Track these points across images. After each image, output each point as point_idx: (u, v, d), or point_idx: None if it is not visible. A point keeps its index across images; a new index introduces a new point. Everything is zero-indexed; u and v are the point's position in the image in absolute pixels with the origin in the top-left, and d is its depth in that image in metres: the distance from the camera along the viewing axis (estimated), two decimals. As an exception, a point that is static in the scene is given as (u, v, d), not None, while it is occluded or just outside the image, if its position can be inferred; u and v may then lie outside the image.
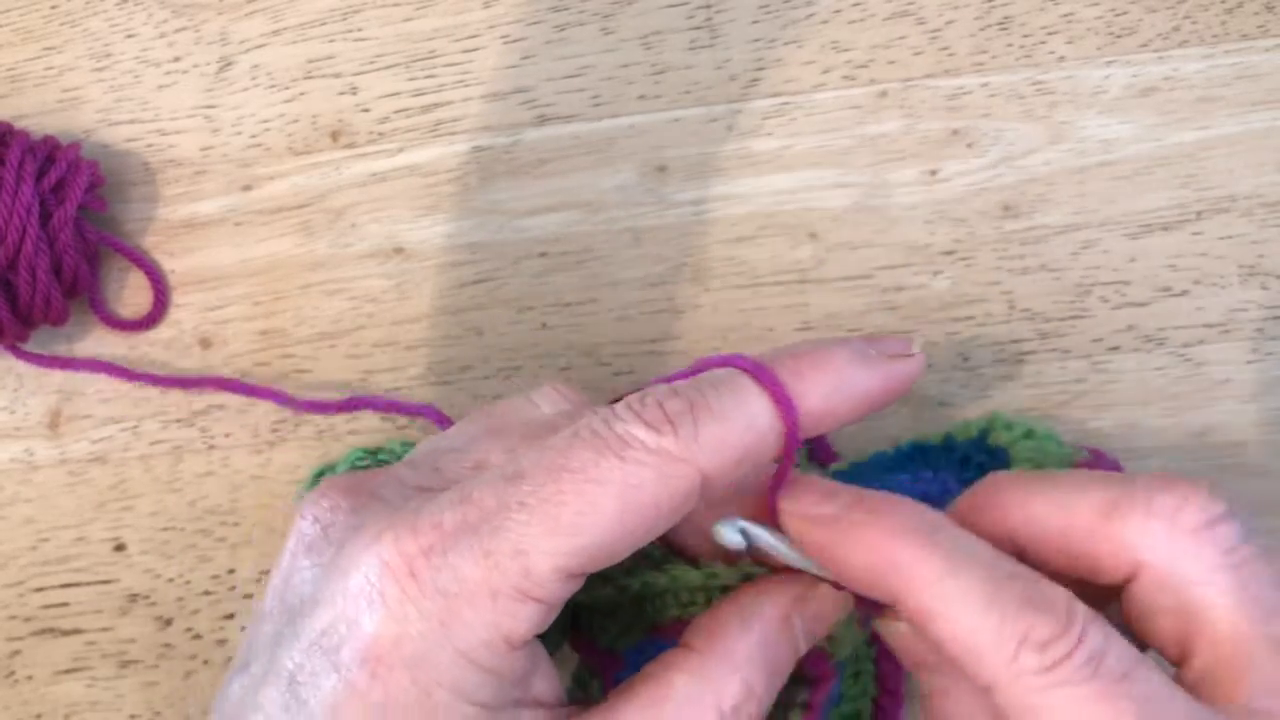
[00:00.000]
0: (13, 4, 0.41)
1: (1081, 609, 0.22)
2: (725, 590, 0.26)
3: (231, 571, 0.37)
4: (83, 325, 0.39)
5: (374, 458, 0.32)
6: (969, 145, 0.36)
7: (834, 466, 0.33)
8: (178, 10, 0.40)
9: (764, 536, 0.25)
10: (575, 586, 0.24)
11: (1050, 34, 0.37)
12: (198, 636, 0.37)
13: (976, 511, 0.24)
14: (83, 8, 0.40)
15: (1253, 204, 0.35)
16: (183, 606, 0.37)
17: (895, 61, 0.37)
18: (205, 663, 0.36)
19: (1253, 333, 0.35)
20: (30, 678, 0.38)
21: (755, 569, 0.26)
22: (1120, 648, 0.21)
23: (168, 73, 0.40)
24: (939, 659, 0.24)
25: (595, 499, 0.22)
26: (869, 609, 0.26)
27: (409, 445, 0.31)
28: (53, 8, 0.40)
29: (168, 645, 0.37)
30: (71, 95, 0.40)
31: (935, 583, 0.22)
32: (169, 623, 0.37)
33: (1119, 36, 0.36)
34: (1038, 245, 0.36)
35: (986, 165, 0.36)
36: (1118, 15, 0.37)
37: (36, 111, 0.40)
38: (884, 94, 0.37)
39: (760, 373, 0.24)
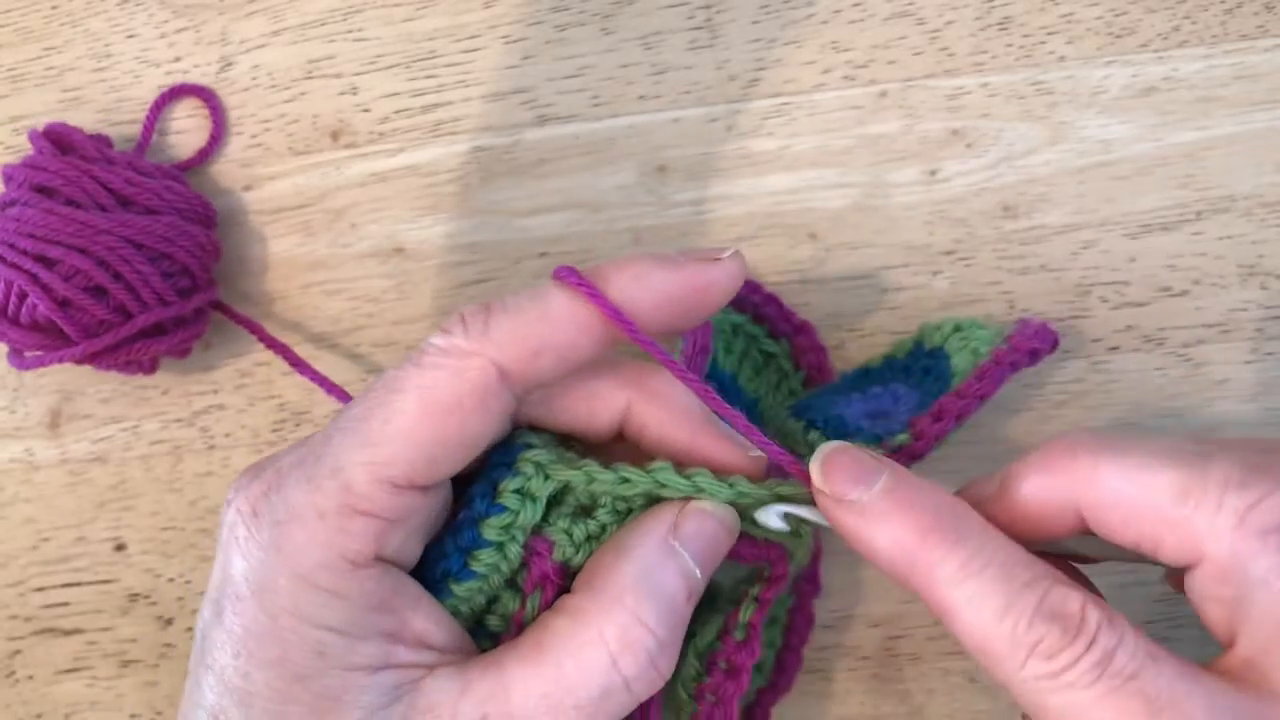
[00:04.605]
0: (13, 4, 0.41)
1: (1095, 614, 0.22)
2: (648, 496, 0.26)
3: (232, 571, 0.37)
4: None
5: None
6: (969, 145, 0.36)
7: (787, 403, 0.34)
8: (178, 10, 0.40)
9: (811, 517, 0.26)
10: (414, 501, 0.24)
11: (1050, 34, 0.37)
12: (198, 636, 0.37)
13: (1046, 472, 0.24)
14: (83, 8, 0.40)
15: (1252, 204, 0.35)
16: (183, 606, 0.37)
17: (895, 62, 0.37)
18: (205, 662, 0.36)
19: (1252, 333, 0.35)
20: (31, 677, 0.38)
21: (665, 479, 0.26)
22: (1131, 646, 0.22)
23: (168, 73, 0.40)
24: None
25: (395, 406, 0.24)
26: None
27: None
28: (53, 8, 0.40)
29: (168, 645, 0.37)
30: (72, 95, 0.40)
31: (955, 585, 0.23)
32: (169, 622, 0.37)
33: (1119, 36, 0.36)
34: (1037, 245, 0.36)
35: (986, 165, 0.36)
36: (1117, 15, 0.37)
37: (37, 111, 0.40)
38: (884, 94, 0.37)
39: (560, 272, 0.25)
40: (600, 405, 0.27)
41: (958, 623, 0.23)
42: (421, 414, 0.24)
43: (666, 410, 0.27)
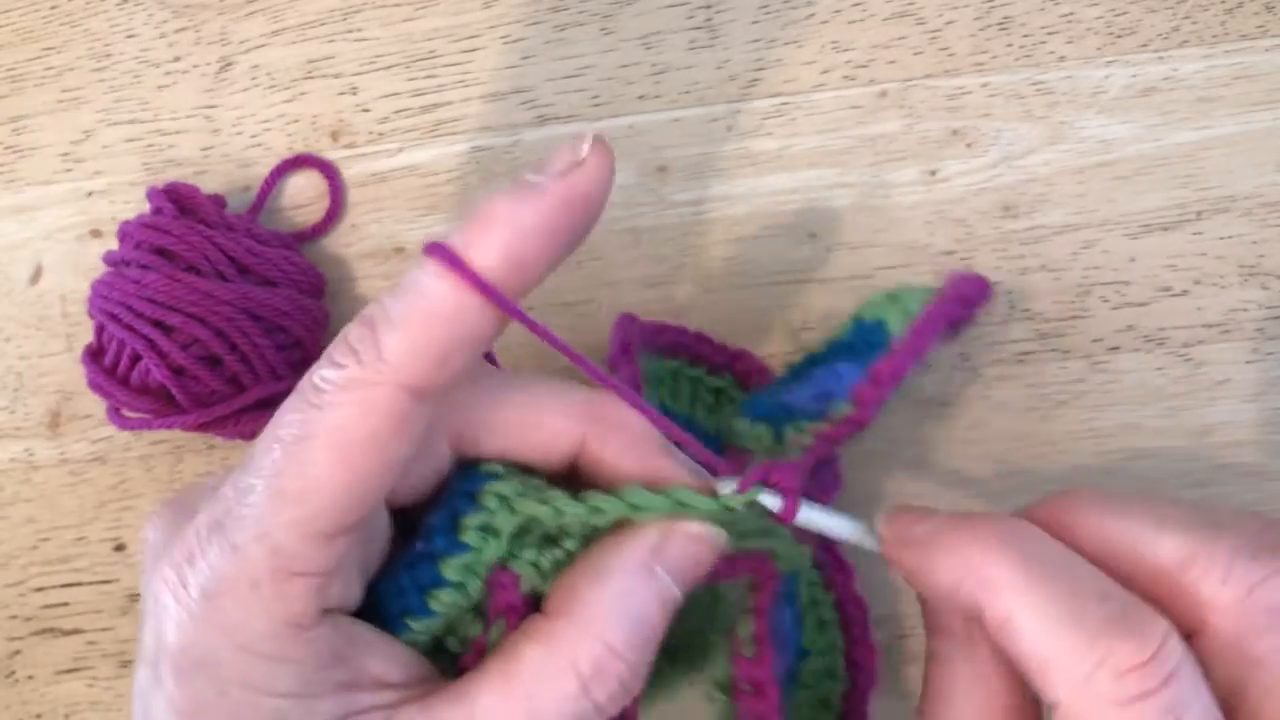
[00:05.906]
0: (13, 4, 0.41)
1: (1178, 647, 0.20)
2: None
3: (232, 571, 0.37)
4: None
5: None
6: (969, 145, 0.36)
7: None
8: (178, 10, 0.40)
9: (820, 517, 0.25)
10: (348, 543, 0.23)
11: (1050, 34, 0.37)
12: (198, 636, 0.37)
13: (1049, 526, 0.23)
14: (83, 8, 0.40)
15: (1252, 204, 0.35)
16: (183, 606, 0.37)
17: (895, 61, 0.37)
18: (205, 662, 0.36)
19: (1253, 333, 0.35)
20: (30, 677, 0.38)
21: (641, 501, 0.25)
22: (1204, 705, 0.20)
23: (168, 73, 0.40)
24: (959, 627, 0.24)
25: (308, 457, 0.22)
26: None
27: None
28: (53, 8, 0.40)
29: (168, 645, 0.37)
30: (72, 95, 0.40)
31: (1018, 592, 0.21)
32: (169, 622, 0.37)
33: (1119, 36, 0.36)
34: (1037, 245, 0.36)
35: (986, 165, 0.36)
36: (1117, 15, 0.37)
37: (37, 111, 0.40)
38: (884, 94, 0.37)
39: (431, 251, 0.23)
40: (554, 440, 0.26)
41: (1017, 631, 0.21)
42: (337, 459, 0.22)
43: (625, 440, 0.26)
